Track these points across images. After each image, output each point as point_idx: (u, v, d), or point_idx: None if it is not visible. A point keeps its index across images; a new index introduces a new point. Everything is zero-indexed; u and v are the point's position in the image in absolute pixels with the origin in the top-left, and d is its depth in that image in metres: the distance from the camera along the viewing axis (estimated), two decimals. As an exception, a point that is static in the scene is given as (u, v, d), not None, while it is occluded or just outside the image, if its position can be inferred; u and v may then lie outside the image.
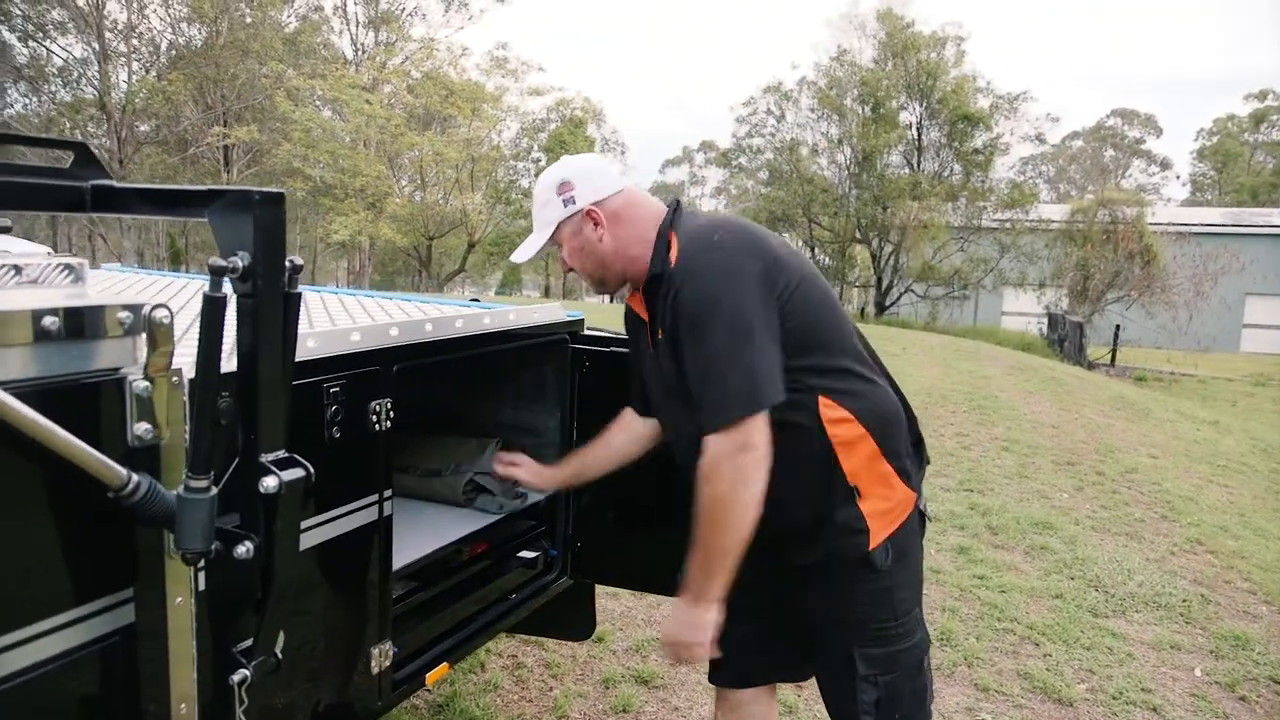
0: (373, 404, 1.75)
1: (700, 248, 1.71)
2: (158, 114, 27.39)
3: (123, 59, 27.19)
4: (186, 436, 1.25)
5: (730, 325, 1.62)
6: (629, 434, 2.17)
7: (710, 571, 1.70)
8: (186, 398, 1.24)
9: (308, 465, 1.26)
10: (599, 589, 2.93)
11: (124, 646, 1.28)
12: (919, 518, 1.88)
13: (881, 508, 1.77)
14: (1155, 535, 5.27)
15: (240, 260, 1.18)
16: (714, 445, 1.63)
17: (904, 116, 25.89)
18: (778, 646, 2.00)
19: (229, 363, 1.26)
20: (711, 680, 2.13)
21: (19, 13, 24.88)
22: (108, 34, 26.14)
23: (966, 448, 7.06)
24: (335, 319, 2.14)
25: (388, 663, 1.85)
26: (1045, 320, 23.17)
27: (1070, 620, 3.96)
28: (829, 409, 1.72)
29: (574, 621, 2.81)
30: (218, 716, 1.34)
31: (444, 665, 1.99)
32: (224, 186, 1.20)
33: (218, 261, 1.15)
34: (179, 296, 2.38)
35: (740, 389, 1.61)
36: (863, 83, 25.23)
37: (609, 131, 36.70)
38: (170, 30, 27.81)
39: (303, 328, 1.88)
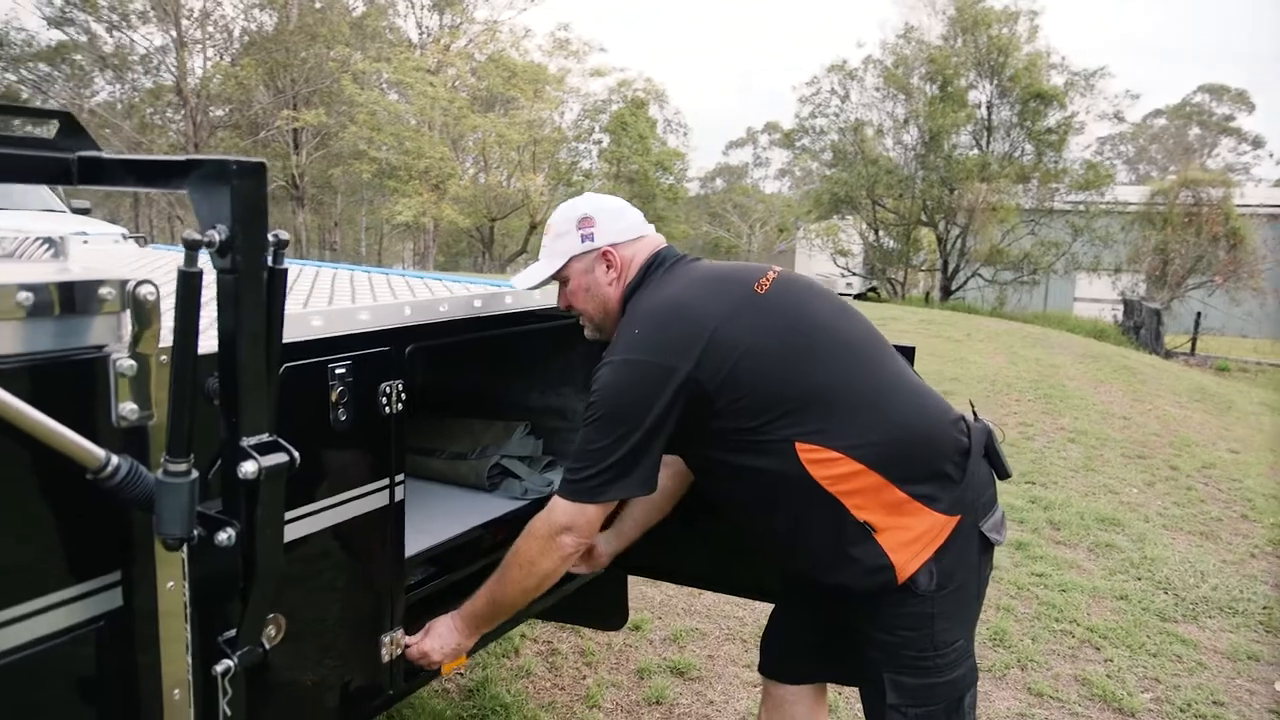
0: (383, 386, 1.68)
1: (623, 337, 1.69)
2: (230, 98, 28.12)
3: (198, 46, 27.93)
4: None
5: (612, 420, 1.61)
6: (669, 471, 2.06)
7: (487, 613, 1.82)
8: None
9: (291, 450, 1.19)
10: (638, 578, 2.86)
11: (115, 630, 1.24)
12: (978, 540, 1.70)
13: (904, 538, 1.62)
14: (1233, 536, 4.98)
15: (218, 234, 1.11)
16: (552, 510, 1.69)
17: (973, 95, 25.09)
18: (829, 648, 1.91)
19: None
20: (760, 670, 2.09)
21: (105, 3, 25.68)
22: (184, 21, 26.85)
23: (1029, 438, 6.80)
24: (357, 298, 2.08)
25: (400, 651, 1.79)
26: (1120, 307, 22.32)
27: (1135, 624, 3.76)
28: (810, 452, 1.61)
29: (605, 611, 2.74)
30: (208, 704, 1.29)
31: (461, 655, 1.93)
32: (201, 156, 1.13)
33: (191, 235, 1.08)
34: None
35: (593, 479, 1.63)
36: (930, 60, 24.49)
37: (671, 112, 36.42)
38: (243, 16, 28.50)
39: (316, 305, 1.83)
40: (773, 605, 2.12)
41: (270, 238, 1.17)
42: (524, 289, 1.95)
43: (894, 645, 1.68)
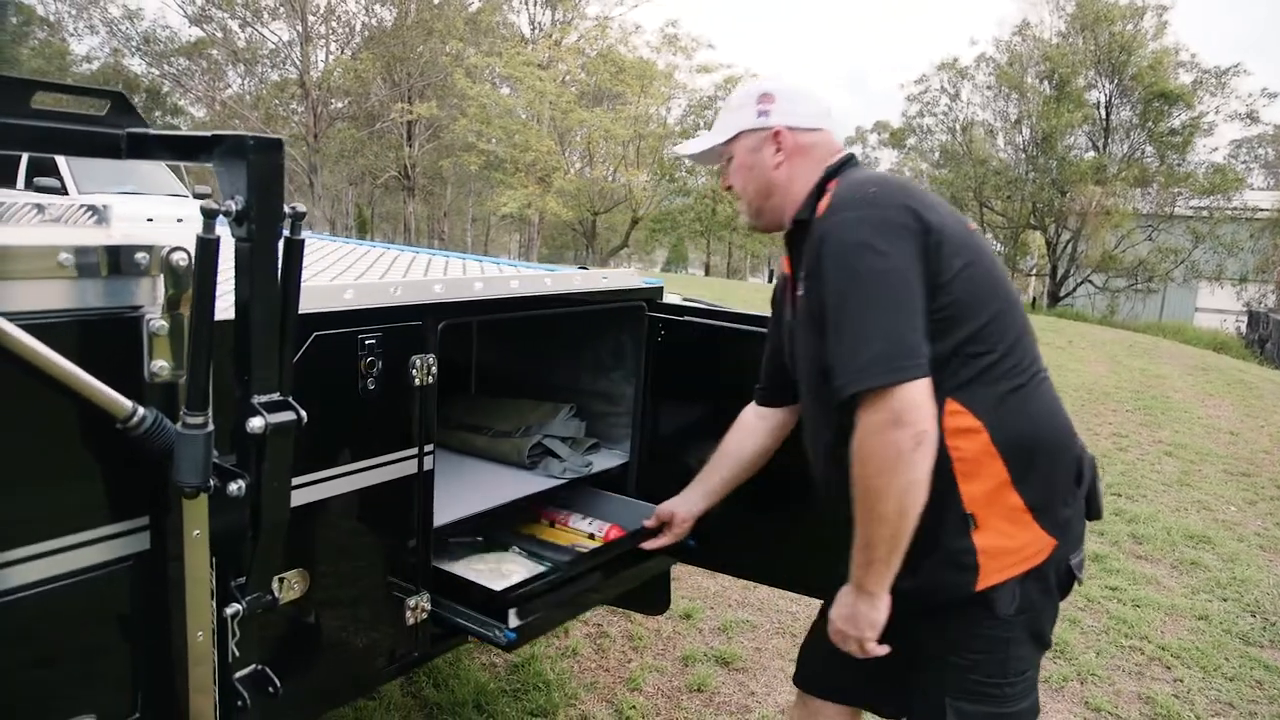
0: (413, 359, 1.76)
1: (852, 198, 1.52)
2: (349, 91, 29.21)
3: (322, 40, 29.16)
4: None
5: (875, 283, 1.42)
6: (754, 437, 1.99)
7: (864, 560, 1.49)
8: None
9: (299, 409, 1.27)
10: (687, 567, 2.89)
11: (143, 571, 1.34)
12: (1066, 573, 1.57)
13: (1001, 545, 1.50)
14: (1339, 562, 4.67)
15: (234, 204, 1.20)
16: (860, 421, 1.41)
17: (1091, 95, 24.02)
18: (874, 668, 1.71)
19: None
20: (795, 682, 1.97)
21: (240, 0, 27.08)
22: (310, 17, 28.07)
23: (1123, 449, 6.51)
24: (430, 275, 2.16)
25: (424, 616, 1.87)
26: (1245, 318, 21.03)
27: (1214, 645, 3.57)
28: (956, 415, 1.47)
29: (646, 595, 2.77)
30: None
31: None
32: (224, 132, 1.22)
33: (209, 204, 1.17)
34: (343, 262, 2.49)
35: (884, 354, 1.38)
36: (1045, 58, 23.57)
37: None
38: (364, 12, 29.55)
39: (349, 278, 1.93)
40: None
41: (287, 209, 1.26)
42: (686, 155, 1.84)
43: (963, 668, 1.56)
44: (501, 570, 2.18)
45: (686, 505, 2.06)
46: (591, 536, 2.37)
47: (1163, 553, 4.53)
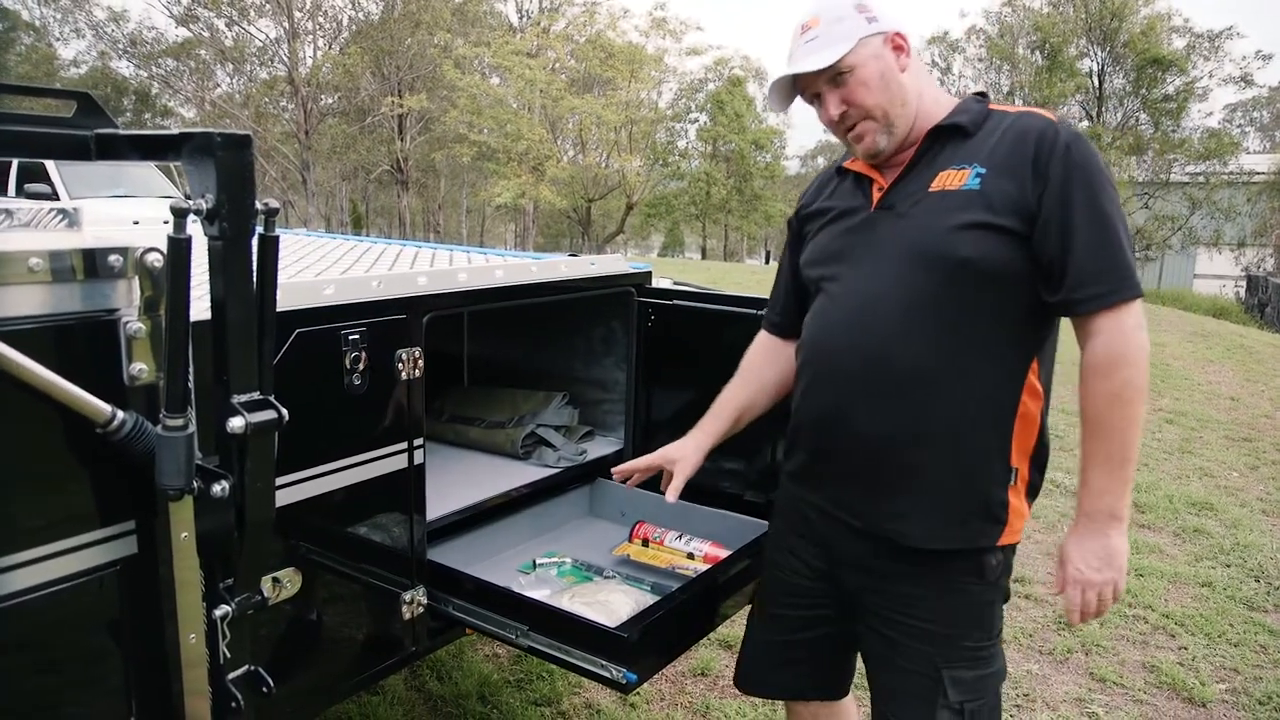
0: (399, 353, 1.74)
1: (1076, 130, 1.50)
2: (339, 86, 29.09)
3: (309, 36, 29.01)
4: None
5: (1119, 207, 1.46)
6: (775, 366, 1.83)
7: (1126, 479, 1.46)
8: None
9: (280, 408, 1.26)
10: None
11: (132, 575, 1.34)
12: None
13: (1020, 508, 1.55)
14: (1343, 524, 4.67)
15: (205, 202, 1.18)
16: (1119, 322, 1.41)
17: (1083, 63, 23.88)
18: (825, 658, 1.80)
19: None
20: (738, 687, 1.93)
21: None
22: (297, 13, 27.92)
23: (1124, 419, 6.49)
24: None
25: (420, 610, 1.87)
26: (1244, 283, 20.99)
27: (1218, 612, 3.57)
28: (1034, 376, 1.52)
29: None
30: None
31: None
32: (191, 130, 1.20)
33: (178, 203, 1.16)
34: (331, 257, 2.47)
35: (1133, 267, 1.45)
36: (1036, 28, 23.43)
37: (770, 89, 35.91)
38: (350, 6, 29.39)
39: (335, 274, 1.91)
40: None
41: (259, 206, 1.24)
42: (805, 70, 1.54)
43: (953, 636, 1.57)
44: (604, 601, 1.98)
45: (692, 441, 1.85)
46: (691, 556, 2.20)
47: (1165, 521, 4.53)
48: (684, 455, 1.82)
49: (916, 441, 1.51)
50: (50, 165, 9.97)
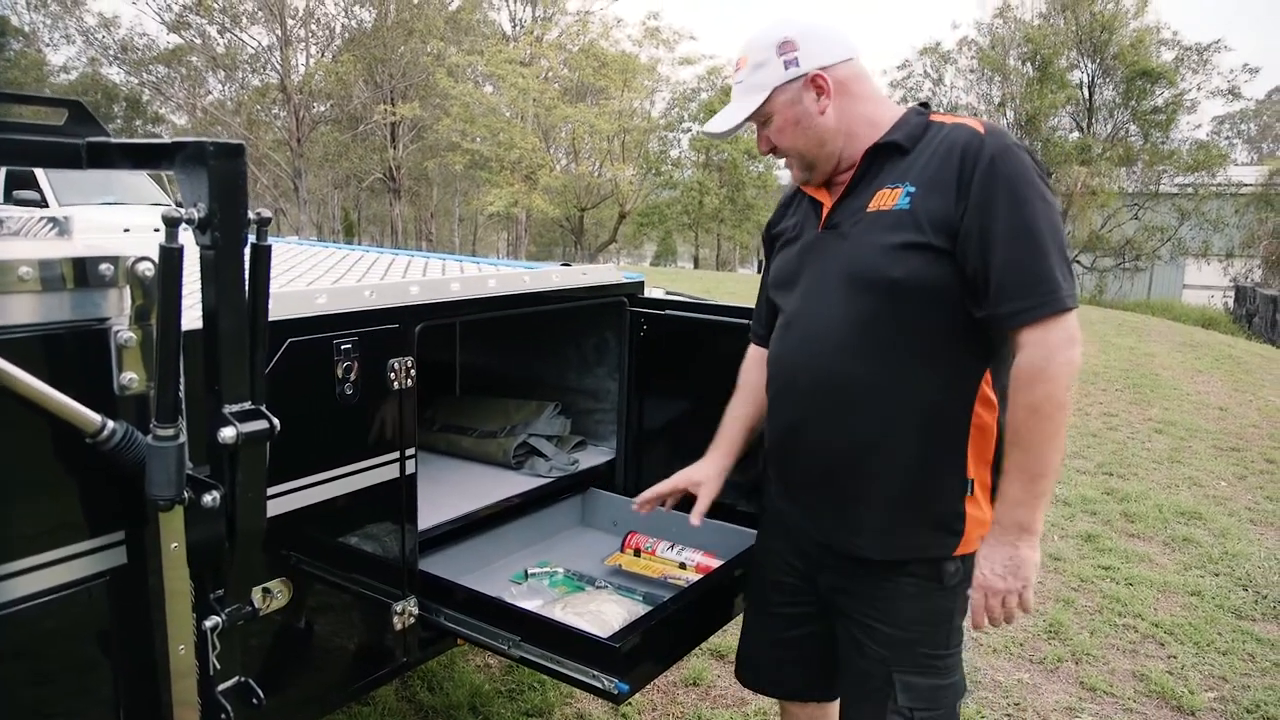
0: (391, 362, 1.74)
1: (1010, 139, 1.49)
2: (331, 94, 29.07)
3: (302, 44, 29.00)
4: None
5: (1055, 216, 1.44)
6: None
7: (1034, 494, 1.46)
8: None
9: (271, 418, 1.26)
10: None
11: (121, 586, 1.33)
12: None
13: (979, 516, 1.55)
14: (1330, 533, 4.69)
15: (197, 212, 1.18)
16: (1044, 336, 1.40)
17: (1074, 75, 24.05)
18: (813, 658, 1.81)
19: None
20: (741, 681, 1.95)
21: (217, 6, 26.91)
22: (289, 21, 27.91)
23: (1113, 428, 6.52)
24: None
25: (411, 620, 1.86)
26: (1232, 293, 21.12)
27: (1206, 620, 3.59)
28: (987, 385, 1.51)
29: None
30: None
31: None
32: (184, 139, 1.20)
33: (170, 212, 1.16)
34: (322, 266, 2.47)
35: (1067, 278, 1.42)
36: (1027, 40, 23.57)
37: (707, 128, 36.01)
38: (343, 14, 29.40)
39: (323, 284, 1.91)
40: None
41: (251, 215, 1.24)
42: (719, 131, 1.65)
43: (908, 641, 1.59)
44: (596, 611, 1.98)
45: (712, 464, 1.88)
46: (683, 566, 2.22)
47: (1154, 530, 4.55)
48: (707, 478, 1.86)
49: (865, 457, 1.55)
50: (39, 172, 9.91)
